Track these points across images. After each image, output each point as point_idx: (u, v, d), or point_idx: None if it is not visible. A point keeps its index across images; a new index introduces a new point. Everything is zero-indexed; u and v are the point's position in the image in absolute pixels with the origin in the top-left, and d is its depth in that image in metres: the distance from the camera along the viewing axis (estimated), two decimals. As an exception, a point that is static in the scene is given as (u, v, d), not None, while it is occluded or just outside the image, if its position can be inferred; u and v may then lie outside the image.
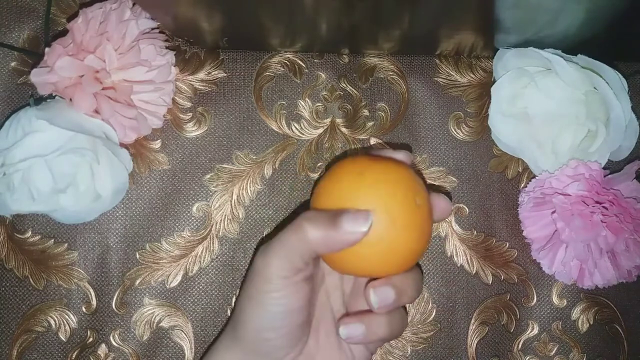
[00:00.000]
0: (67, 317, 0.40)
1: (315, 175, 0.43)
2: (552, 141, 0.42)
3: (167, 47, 0.41)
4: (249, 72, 0.43)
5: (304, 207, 0.42)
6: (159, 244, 0.41)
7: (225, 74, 0.43)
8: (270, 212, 0.42)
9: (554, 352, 0.42)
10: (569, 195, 0.40)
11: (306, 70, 0.44)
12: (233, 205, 0.42)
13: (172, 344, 0.41)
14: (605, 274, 0.40)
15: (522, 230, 0.42)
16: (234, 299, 0.41)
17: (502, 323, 0.43)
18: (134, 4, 0.39)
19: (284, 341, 0.32)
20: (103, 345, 0.40)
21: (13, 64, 0.42)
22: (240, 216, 0.42)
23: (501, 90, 0.43)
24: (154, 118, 0.41)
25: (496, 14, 0.36)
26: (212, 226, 0.42)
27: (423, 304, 0.42)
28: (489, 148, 0.44)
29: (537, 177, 0.42)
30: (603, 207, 0.39)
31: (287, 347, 0.33)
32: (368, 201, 0.30)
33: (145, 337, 0.40)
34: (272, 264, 0.31)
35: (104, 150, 0.39)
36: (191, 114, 0.43)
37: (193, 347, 0.41)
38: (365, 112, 0.44)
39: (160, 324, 0.41)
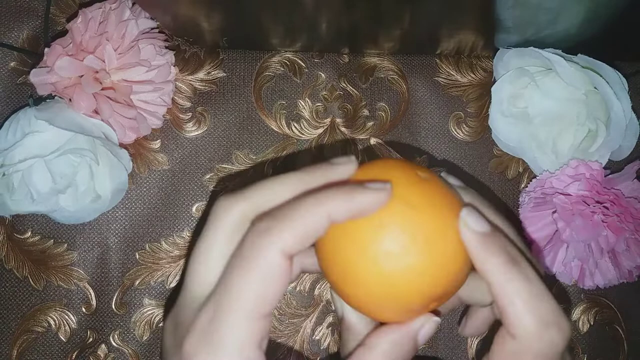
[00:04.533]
0: (67, 317, 0.40)
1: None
2: (552, 141, 0.42)
3: (166, 47, 0.41)
4: (248, 72, 0.43)
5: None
6: (159, 245, 0.41)
7: (225, 74, 0.43)
8: (270, 212, 0.42)
9: (554, 352, 0.42)
10: (570, 195, 0.40)
11: (306, 70, 0.44)
12: (233, 205, 0.42)
13: (172, 344, 0.40)
14: (606, 274, 0.40)
15: (523, 231, 0.42)
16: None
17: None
18: (133, 4, 0.39)
19: None
20: (103, 345, 0.40)
21: (12, 64, 0.42)
22: (240, 216, 0.42)
23: (501, 90, 0.42)
24: (154, 118, 0.41)
25: (497, 13, 0.36)
26: (211, 226, 0.41)
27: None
28: (489, 148, 0.44)
29: (537, 177, 0.42)
30: (604, 206, 0.39)
31: None
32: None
33: (145, 338, 0.40)
34: None
35: (104, 150, 0.39)
36: (191, 113, 0.43)
37: (193, 347, 0.40)
38: (366, 112, 0.44)
39: (160, 324, 0.41)
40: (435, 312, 0.25)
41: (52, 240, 0.41)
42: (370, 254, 0.23)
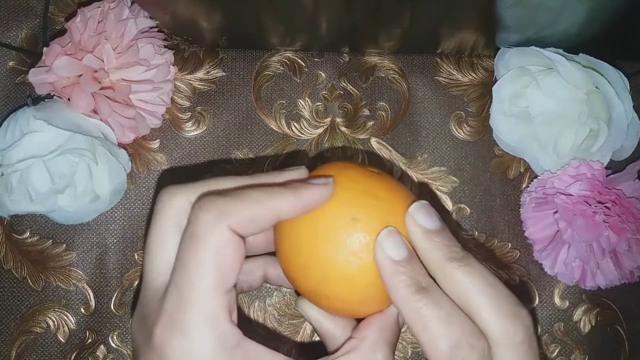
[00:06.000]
0: (65, 318, 0.40)
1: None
2: (553, 141, 0.41)
3: (165, 46, 0.41)
4: (248, 71, 0.43)
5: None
6: (158, 245, 0.41)
7: (224, 73, 0.43)
8: (270, 213, 0.42)
9: (555, 353, 0.42)
10: (571, 195, 0.40)
11: (306, 69, 0.44)
12: (232, 205, 0.42)
13: (171, 345, 0.40)
14: (608, 275, 0.40)
15: (524, 231, 0.42)
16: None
17: (504, 324, 0.42)
18: (132, 3, 0.39)
19: None
20: (102, 346, 0.40)
21: (11, 63, 0.42)
22: (240, 216, 0.42)
23: (502, 90, 0.42)
24: (153, 118, 0.41)
25: (497, 12, 0.36)
26: (211, 226, 0.41)
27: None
28: (490, 148, 0.44)
29: (538, 177, 0.42)
30: (605, 207, 0.39)
31: None
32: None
33: (144, 338, 0.40)
34: None
35: (102, 150, 0.38)
36: (190, 113, 0.42)
37: (192, 348, 0.40)
38: (366, 112, 0.43)
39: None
40: None
41: (50, 241, 0.40)
42: (350, 248, 0.24)
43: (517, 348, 0.22)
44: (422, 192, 0.43)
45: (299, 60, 0.44)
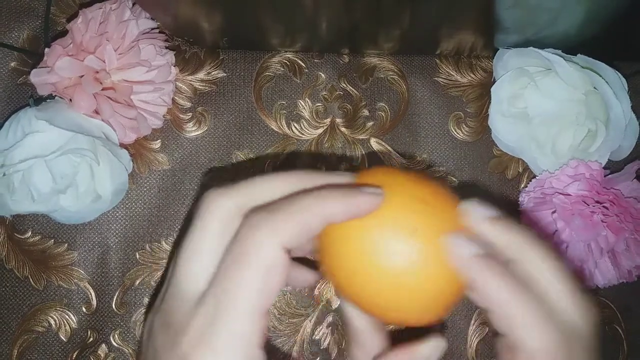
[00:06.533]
0: (67, 317, 0.40)
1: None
2: (552, 141, 0.42)
3: (167, 47, 0.41)
4: (249, 72, 0.43)
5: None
6: (159, 244, 0.41)
7: (225, 74, 0.43)
8: (270, 212, 0.42)
9: (554, 352, 0.42)
10: (570, 195, 0.40)
11: (306, 70, 0.44)
12: (233, 205, 0.42)
13: (172, 344, 0.41)
14: (606, 274, 0.40)
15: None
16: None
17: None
18: (133, 4, 0.39)
19: None
20: (103, 345, 0.40)
21: (13, 64, 0.42)
22: (240, 216, 0.42)
23: (501, 90, 0.43)
24: (154, 118, 0.41)
25: (496, 13, 0.36)
26: (212, 226, 0.42)
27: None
28: (489, 148, 0.44)
29: (537, 177, 0.42)
30: (603, 206, 0.39)
31: None
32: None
33: (145, 337, 0.40)
34: None
35: (104, 150, 0.39)
36: (191, 114, 0.43)
37: (193, 347, 0.41)
38: (365, 112, 0.44)
39: (161, 324, 0.41)
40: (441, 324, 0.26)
41: (52, 240, 0.41)
42: (408, 257, 0.23)
43: (586, 340, 0.23)
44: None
45: (299, 61, 0.44)
